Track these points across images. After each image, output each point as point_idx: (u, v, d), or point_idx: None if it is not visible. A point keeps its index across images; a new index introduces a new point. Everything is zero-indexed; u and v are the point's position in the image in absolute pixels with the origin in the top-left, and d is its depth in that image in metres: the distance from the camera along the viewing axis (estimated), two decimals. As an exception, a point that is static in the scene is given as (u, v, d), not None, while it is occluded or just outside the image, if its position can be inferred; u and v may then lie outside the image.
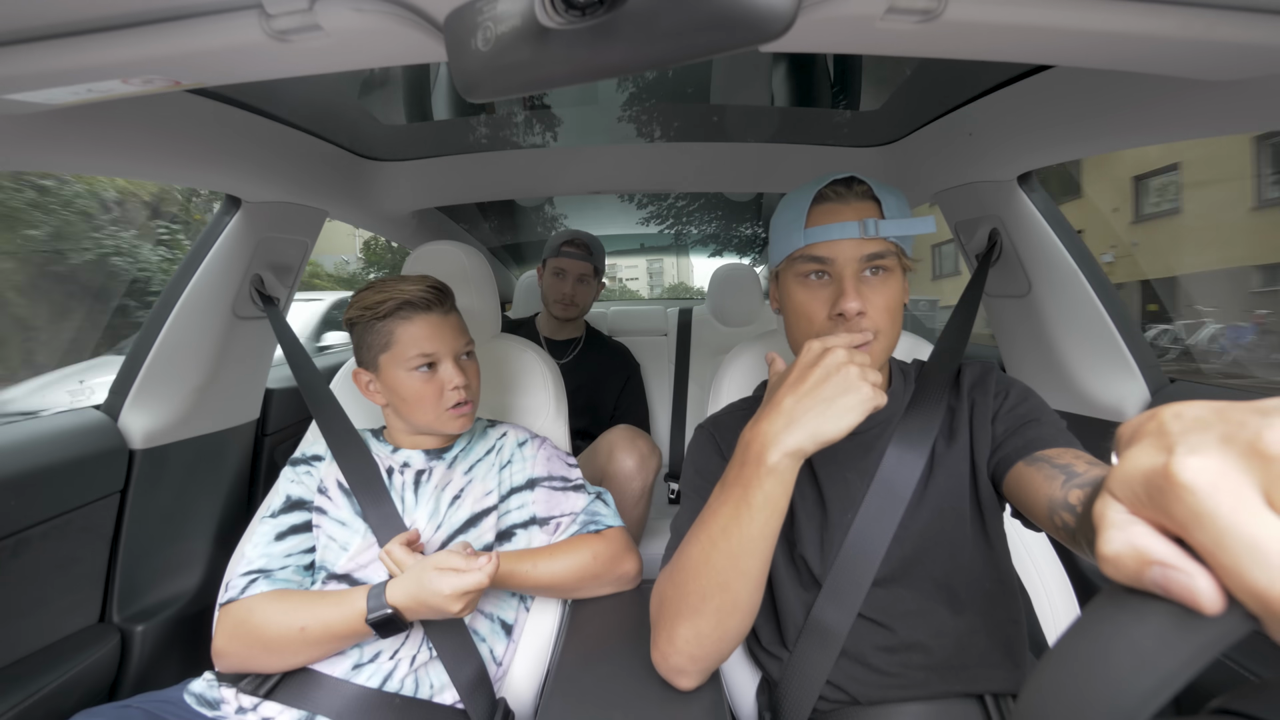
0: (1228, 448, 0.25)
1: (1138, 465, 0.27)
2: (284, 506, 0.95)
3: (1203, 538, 0.24)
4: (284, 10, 0.52)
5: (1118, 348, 1.19)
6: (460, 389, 0.94)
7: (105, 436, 1.14)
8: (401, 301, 0.92)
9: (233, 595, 0.86)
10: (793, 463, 0.61)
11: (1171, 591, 0.25)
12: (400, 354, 0.93)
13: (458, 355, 0.96)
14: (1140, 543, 0.27)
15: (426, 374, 0.93)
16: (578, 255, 1.86)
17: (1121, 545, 0.27)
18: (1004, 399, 0.78)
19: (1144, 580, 0.26)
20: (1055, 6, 0.56)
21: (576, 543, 0.95)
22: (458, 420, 0.96)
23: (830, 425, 0.59)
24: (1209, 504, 0.24)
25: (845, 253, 0.72)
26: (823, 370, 0.60)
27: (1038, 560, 0.94)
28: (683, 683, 0.71)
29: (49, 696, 0.96)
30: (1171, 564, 0.25)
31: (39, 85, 0.61)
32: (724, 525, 0.63)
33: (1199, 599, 0.25)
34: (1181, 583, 0.25)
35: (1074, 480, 0.58)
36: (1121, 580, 0.28)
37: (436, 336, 0.93)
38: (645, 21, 0.37)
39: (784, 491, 0.61)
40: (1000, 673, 0.73)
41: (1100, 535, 0.28)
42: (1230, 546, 0.23)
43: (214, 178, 1.10)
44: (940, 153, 1.30)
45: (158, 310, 1.22)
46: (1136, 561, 0.26)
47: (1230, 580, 0.24)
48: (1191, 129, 0.85)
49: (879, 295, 0.72)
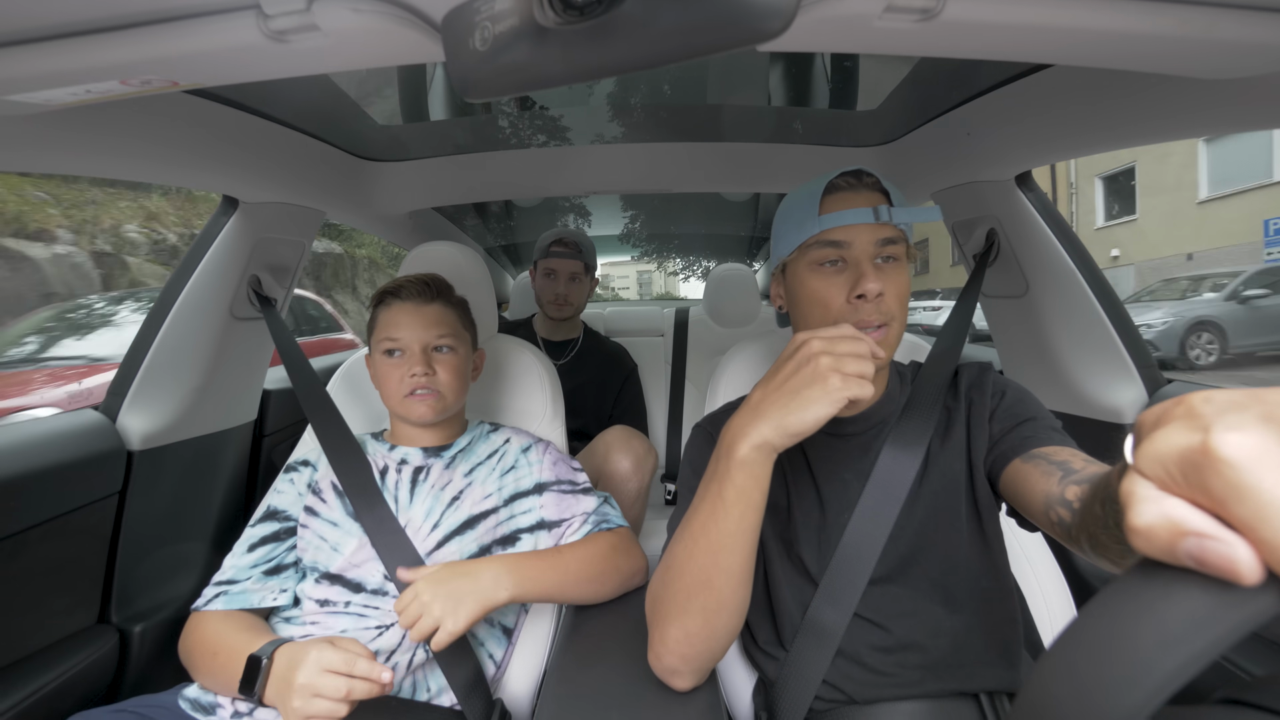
0: (1269, 424, 0.25)
1: (1171, 443, 0.27)
2: (261, 516, 0.97)
3: (1243, 511, 0.24)
4: (281, 11, 0.52)
5: (1115, 348, 1.19)
6: (419, 376, 0.94)
7: (104, 438, 1.14)
8: (388, 289, 0.98)
9: (198, 605, 0.89)
10: (760, 455, 0.60)
11: (1208, 562, 0.25)
12: (376, 337, 0.98)
13: (426, 346, 0.97)
14: (1176, 514, 0.26)
15: (392, 360, 0.96)
16: (567, 254, 1.85)
17: (1155, 516, 0.27)
18: (1000, 398, 0.78)
19: (1177, 551, 0.26)
20: (1054, 5, 0.56)
21: (594, 537, 0.97)
22: (417, 407, 0.96)
23: (794, 417, 0.57)
24: (1251, 477, 0.24)
25: (862, 237, 0.73)
26: (794, 363, 0.60)
27: (1034, 561, 0.94)
28: (678, 683, 0.71)
29: (49, 696, 0.96)
30: (1210, 533, 0.25)
31: (38, 86, 0.60)
32: (703, 522, 0.64)
33: (1239, 568, 0.24)
34: (1221, 552, 0.25)
35: (1072, 477, 0.58)
36: (1152, 553, 0.27)
37: (405, 324, 0.96)
38: (643, 21, 0.37)
39: (756, 485, 0.61)
40: (996, 672, 0.73)
41: (1131, 509, 0.28)
42: (1274, 519, 0.23)
43: (211, 179, 1.10)
44: (938, 152, 1.30)
45: (155, 311, 1.22)
46: (1171, 532, 0.26)
47: (1272, 553, 0.24)
48: (1191, 128, 0.85)
49: (892, 282, 0.73)
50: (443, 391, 0.97)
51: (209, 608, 0.88)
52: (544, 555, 0.91)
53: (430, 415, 0.97)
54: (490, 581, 0.82)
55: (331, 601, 0.89)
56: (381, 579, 0.89)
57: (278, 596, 0.90)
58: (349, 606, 0.88)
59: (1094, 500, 0.46)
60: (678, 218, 2.70)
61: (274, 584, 0.91)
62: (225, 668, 0.79)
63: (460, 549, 0.92)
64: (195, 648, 0.84)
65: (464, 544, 0.93)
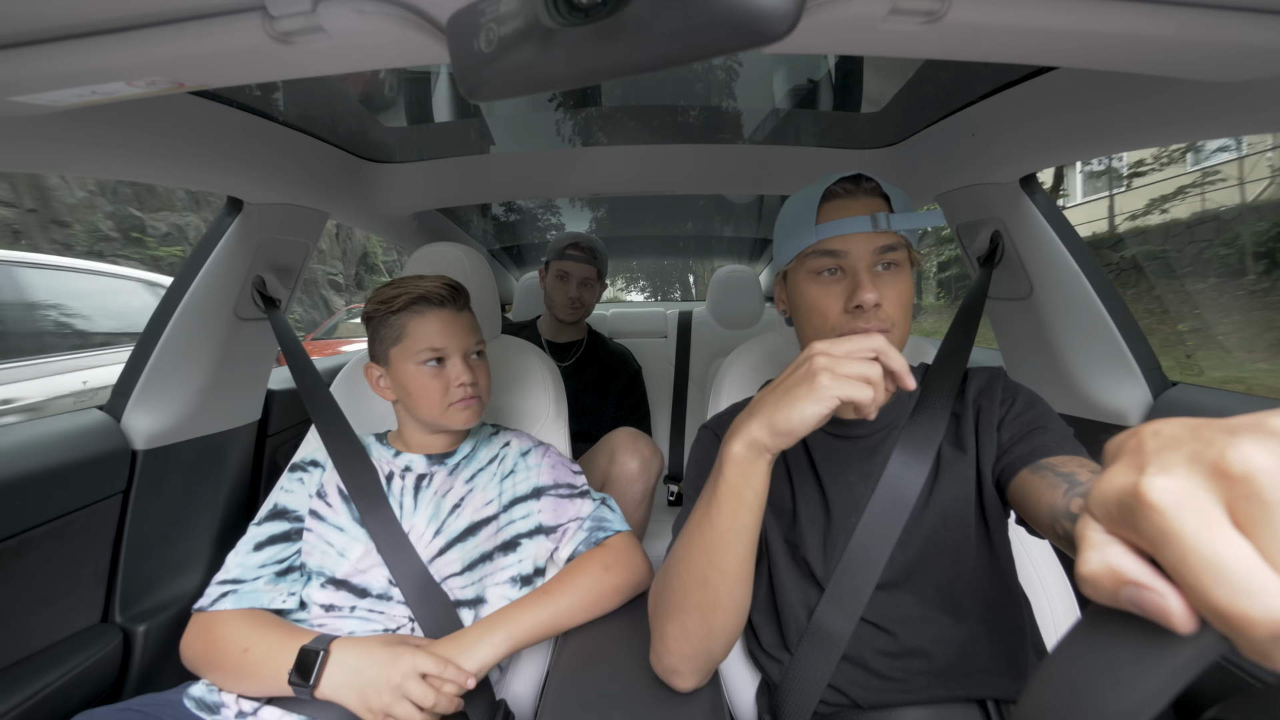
0: (1194, 467, 0.24)
1: (1112, 484, 0.27)
2: (268, 515, 0.96)
3: (1169, 556, 0.24)
4: (287, 12, 0.52)
5: (1120, 351, 1.19)
6: (466, 385, 0.94)
7: (108, 437, 1.14)
8: (416, 296, 0.94)
9: (202, 604, 0.87)
10: (750, 454, 0.60)
11: (1146, 611, 0.25)
12: (411, 347, 0.94)
13: (467, 353, 0.96)
14: (1115, 562, 0.27)
15: (434, 369, 0.94)
16: (582, 259, 1.86)
17: (1098, 565, 0.27)
18: (1010, 405, 0.77)
19: (1120, 600, 0.26)
20: (1058, 8, 0.55)
21: (582, 562, 0.94)
22: (463, 414, 0.96)
23: (781, 415, 0.57)
24: (1173, 523, 0.24)
25: (859, 245, 0.72)
26: (793, 367, 0.60)
27: (1041, 569, 0.93)
28: (678, 683, 0.71)
29: (52, 695, 0.96)
30: (1144, 584, 0.25)
31: (44, 88, 0.61)
32: (698, 520, 0.64)
33: (1171, 618, 0.25)
34: (1154, 602, 0.25)
35: (1076, 489, 0.58)
36: (1100, 600, 0.28)
37: (447, 332, 0.94)
38: (649, 23, 0.37)
39: (747, 483, 0.61)
40: (1003, 680, 0.72)
41: (1079, 555, 0.28)
42: (1193, 565, 0.23)
43: (216, 179, 1.10)
44: (942, 155, 1.30)
45: (160, 311, 1.22)
46: (1112, 581, 0.26)
47: (1195, 599, 0.24)
48: (1195, 131, 0.85)
49: (892, 289, 0.72)
50: (483, 396, 0.98)
51: (216, 607, 0.87)
52: (534, 600, 0.88)
53: (475, 421, 0.98)
54: (473, 640, 0.81)
55: (337, 606, 0.89)
56: (386, 584, 0.89)
57: (286, 599, 0.90)
58: (354, 611, 0.88)
59: None
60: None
61: (284, 586, 0.91)
62: (261, 662, 0.79)
63: (462, 556, 0.92)
64: (216, 644, 0.83)
65: (465, 551, 0.93)
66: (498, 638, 0.82)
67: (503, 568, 0.94)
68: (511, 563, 0.95)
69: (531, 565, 0.96)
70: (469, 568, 0.92)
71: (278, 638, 0.81)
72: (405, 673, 0.75)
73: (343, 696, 0.75)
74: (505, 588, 0.93)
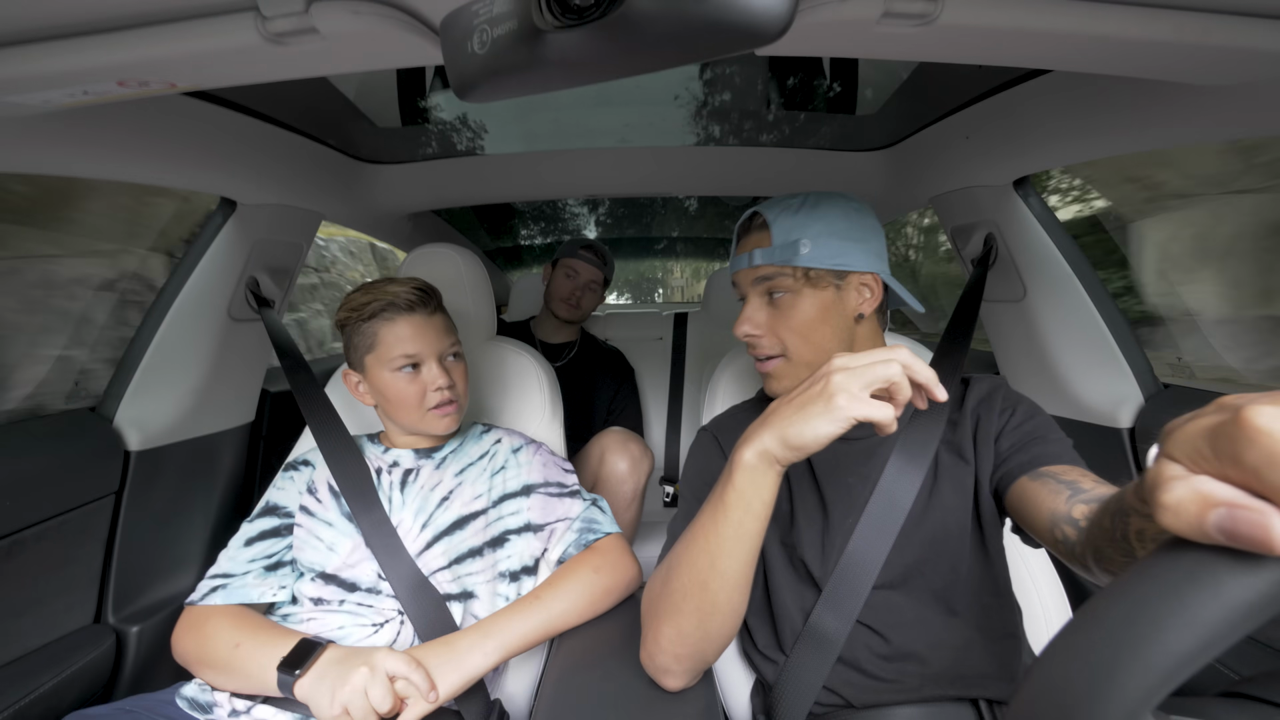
0: None
1: (1204, 422, 0.28)
2: (260, 511, 0.97)
3: (1277, 478, 0.24)
4: (280, 13, 0.52)
5: (1112, 353, 1.19)
6: (443, 390, 0.94)
7: (101, 438, 1.13)
8: (386, 303, 0.93)
9: (193, 599, 0.88)
10: (760, 463, 0.60)
11: (1239, 532, 0.25)
12: (384, 355, 0.93)
13: (442, 356, 0.96)
14: (1205, 487, 0.27)
15: (410, 374, 0.94)
16: (593, 261, 1.88)
17: (1184, 490, 0.27)
18: (1010, 416, 0.78)
19: (1206, 524, 0.26)
20: (1050, 11, 0.56)
21: (572, 566, 0.93)
22: (442, 420, 0.96)
23: (794, 430, 0.57)
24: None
25: (743, 280, 0.84)
26: (812, 381, 0.60)
27: (1037, 578, 0.93)
28: (669, 682, 0.71)
29: (45, 696, 0.95)
30: (1242, 503, 0.25)
31: (35, 88, 0.60)
32: (703, 524, 0.64)
33: (1271, 535, 0.24)
34: (1252, 520, 0.25)
35: (1080, 496, 0.58)
36: (1180, 529, 0.27)
37: (419, 337, 0.94)
38: (642, 25, 0.36)
39: (756, 491, 0.61)
40: (996, 684, 0.72)
41: (1160, 488, 0.28)
42: None
43: (209, 180, 1.10)
44: (936, 157, 1.30)
45: (153, 312, 1.22)
46: (1200, 504, 0.26)
47: None
48: (1187, 134, 0.85)
49: (782, 317, 0.80)
50: (460, 400, 0.97)
51: (205, 601, 0.87)
52: (526, 606, 0.86)
53: (454, 425, 0.98)
54: (466, 648, 0.80)
55: (326, 600, 0.89)
56: (375, 578, 0.89)
57: (277, 593, 0.90)
58: (343, 605, 0.89)
59: (1103, 514, 0.46)
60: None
61: (273, 580, 0.91)
62: (252, 658, 0.79)
63: (449, 549, 0.92)
64: (208, 640, 0.83)
65: (453, 544, 0.93)
66: (490, 646, 0.81)
67: (491, 563, 0.94)
68: (500, 558, 0.95)
69: (520, 562, 0.96)
70: (456, 561, 0.92)
71: (270, 635, 0.81)
72: (374, 668, 0.73)
73: (316, 695, 0.74)
74: (494, 583, 0.93)
